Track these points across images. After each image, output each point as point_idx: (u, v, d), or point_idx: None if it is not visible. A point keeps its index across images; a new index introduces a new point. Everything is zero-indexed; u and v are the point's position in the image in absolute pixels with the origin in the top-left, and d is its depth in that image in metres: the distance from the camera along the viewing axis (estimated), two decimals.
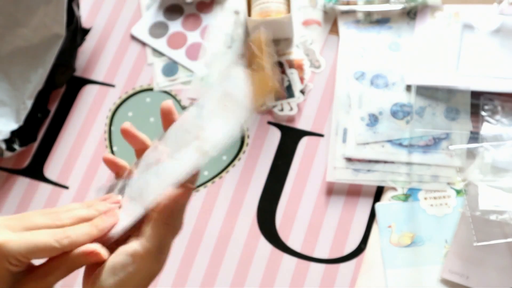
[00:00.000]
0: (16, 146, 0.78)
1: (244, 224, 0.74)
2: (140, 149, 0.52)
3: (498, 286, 0.67)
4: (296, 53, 0.81)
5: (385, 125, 0.75)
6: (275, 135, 0.78)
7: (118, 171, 0.51)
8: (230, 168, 0.77)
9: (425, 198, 0.72)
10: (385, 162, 0.74)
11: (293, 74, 0.80)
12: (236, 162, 0.77)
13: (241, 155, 0.77)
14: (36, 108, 0.81)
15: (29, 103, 0.79)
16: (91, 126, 0.81)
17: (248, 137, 0.78)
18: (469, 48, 0.77)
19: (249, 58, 0.47)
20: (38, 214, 0.47)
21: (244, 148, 0.78)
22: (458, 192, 0.72)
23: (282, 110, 0.78)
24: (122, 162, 0.52)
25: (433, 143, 0.74)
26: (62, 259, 0.45)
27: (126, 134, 0.52)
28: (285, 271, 0.71)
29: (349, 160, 0.74)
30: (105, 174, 0.77)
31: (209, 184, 0.76)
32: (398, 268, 0.70)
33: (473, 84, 0.75)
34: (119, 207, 0.48)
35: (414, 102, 0.76)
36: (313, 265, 0.71)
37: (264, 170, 0.76)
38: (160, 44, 0.85)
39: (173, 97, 0.82)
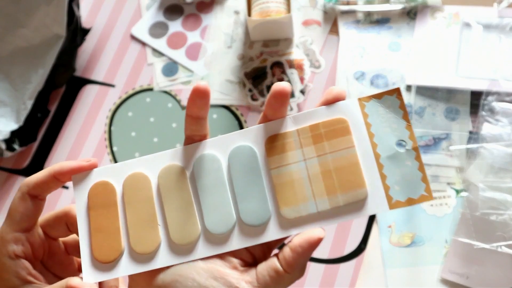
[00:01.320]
0: (16, 146, 0.78)
1: None
2: (196, 120, 0.42)
3: (498, 286, 0.67)
4: (296, 53, 0.81)
5: None
6: None
7: None
8: None
9: None
10: None
11: (293, 74, 0.80)
12: None
13: None
14: (36, 108, 0.81)
15: (29, 103, 0.79)
16: (91, 126, 0.81)
17: None
18: (468, 49, 0.77)
19: None
20: None
21: None
22: (458, 192, 0.72)
23: None
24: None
25: (433, 143, 0.74)
26: None
27: (203, 94, 0.41)
28: None
29: None
30: None
31: None
32: (398, 268, 0.70)
33: (472, 84, 0.75)
34: None
35: (414, 102, 0.76)
36: (313, 265, 0.71)
37: None
38: (160, 44, 0.85)
39: (173, 97, 0.82)
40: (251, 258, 0.42)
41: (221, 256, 0.41)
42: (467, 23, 0.79)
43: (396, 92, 0.41)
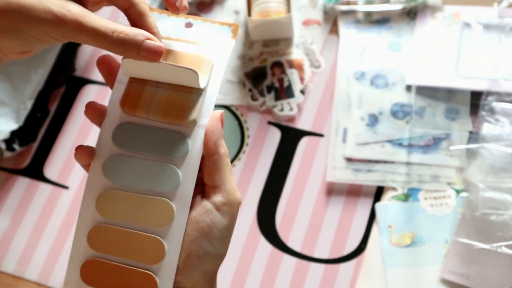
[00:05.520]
0: (16, 146, 0.78)
1: (244, 224, 0.74)
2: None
3: (498, 286, 0.67)
4: (296, 53, 0.81)
5: (385, 125, 0.75)
6: (275, 135, 0.78)
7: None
8: None
9: (425, 198, 0.72)
10: (385, 162, 0.74)
11: (293, 74, 0.80)
12: (236, 162, 0.77)
13: (241, 155, 0.77)
14: (36, 108, 0.81)
15: (29, 103, 0.79)
16: (91, 126, 0.81)
17: (248, 137, 0.78)
18: (469, 49, 0.77)
19: None
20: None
21: (244, 148, 0.78)
22: (458, 192, 0.72)
23: (282, 110, 0.78)
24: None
25: (433, 143, 0.74)
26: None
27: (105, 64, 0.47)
28: (285, 271, 0.71)
29: (349, 160, 0.75)
30: None
31: None
32: (398, 268, 0.70)
33: (472, 84, 0.75)
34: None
35: (414, 102, 0.76)
36: (313, 265, 0.71)
37: (264, 170, 0.76)
38: None
39: None
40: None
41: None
42: (467, 23, 0.79)
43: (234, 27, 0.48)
